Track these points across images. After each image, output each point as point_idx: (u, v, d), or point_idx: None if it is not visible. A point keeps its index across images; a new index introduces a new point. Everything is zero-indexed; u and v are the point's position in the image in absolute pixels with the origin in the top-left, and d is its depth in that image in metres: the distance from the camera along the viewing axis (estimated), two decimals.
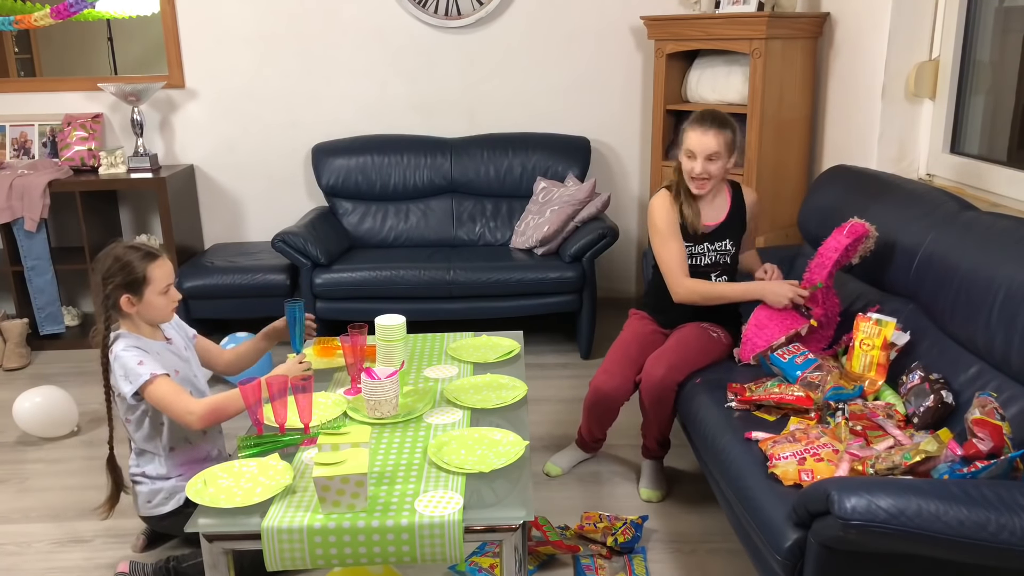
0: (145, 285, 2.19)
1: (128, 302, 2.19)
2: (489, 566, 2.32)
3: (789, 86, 3.54)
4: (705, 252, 2.73)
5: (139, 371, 2.13)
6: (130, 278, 2.18)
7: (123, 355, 2.16)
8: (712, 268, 2.74)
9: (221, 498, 1.78)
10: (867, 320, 2.35)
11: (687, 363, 2.59)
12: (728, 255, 2.75)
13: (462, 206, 4.25)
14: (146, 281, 2.19)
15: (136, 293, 2.19)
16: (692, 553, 2.43)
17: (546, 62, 4.32)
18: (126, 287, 2.18)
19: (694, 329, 2.71)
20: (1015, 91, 2.79)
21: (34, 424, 3.14)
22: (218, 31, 4.21)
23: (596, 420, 2.77)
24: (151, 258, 2.21)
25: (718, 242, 2.73)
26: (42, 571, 2.41)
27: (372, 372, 2.11)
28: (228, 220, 4.48)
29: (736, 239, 2.77)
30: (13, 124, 4.22)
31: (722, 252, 2.74)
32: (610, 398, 2.67)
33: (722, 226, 2.73)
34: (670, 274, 2.70)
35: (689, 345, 2.65)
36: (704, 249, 2.72)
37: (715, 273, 2.74)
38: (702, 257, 2.73)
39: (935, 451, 1.82)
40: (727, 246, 2.74)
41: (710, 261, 2.74)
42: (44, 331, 4.07)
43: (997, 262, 2.07)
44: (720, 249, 2.73)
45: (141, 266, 2.19)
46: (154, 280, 2.20)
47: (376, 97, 4.34)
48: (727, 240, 2.74)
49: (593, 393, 2.69)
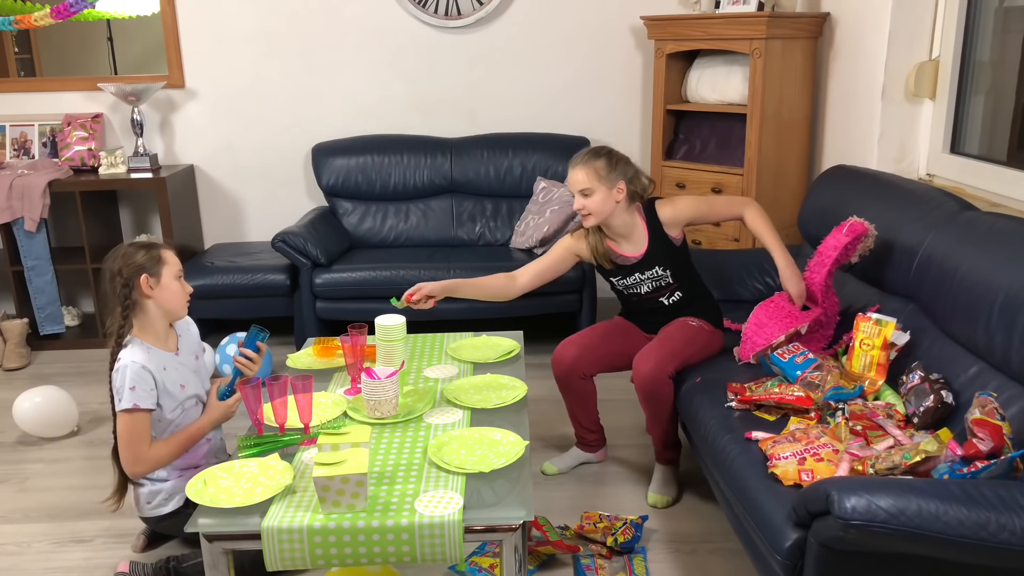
0: (162, 265, 2.23)
1: (147, 282, 2.21)
2: (489, 566, 2.32)
3: (789, 86, 3.54)
4: (640, 281, 2.73)
5: (126, 395, 2.16)
6: (147, 257, 2.22)
7: (126, 370, 2.18)
8: (657, 293, 2.74)
9: (221, 498, 1.78)
10: (867, 320, 2.35)
11: (674, 354, 2.58)
12: (667, 277, 2.72)
13: (462, 206, 4.25)
14: (163, 261, 2.24)
15: (154, 273, 2.22)
16: (692, 553, 2.43)
17: (546, 62, 4.32)
18: (145, 266, 2.21)
19: (674, 324, 2.72)
20: (1015, 91, 2.79)
21: (34, 424, 3.14)
22: (218, 31, 4.21)
23: (568, 396, 2.78)
24: (162, 245, 2.29)
25: (648, 270, 2.72)
26: (42, 571, 2.41)
27: (372, 372, 2.11)
28: (228, 220, 4.48)
29: (667, 262, 2.71)
30: (13, 124, 4.23)
31: (657, 278, 2.73)
32: (564, 366, 2.69)
33: (645, 257, 2.70)
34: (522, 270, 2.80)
35: (673, 337, 2.65)
36: (637, 279, 2.73)
37: (664, 296, 2.74)
38: (640, 286, 2.74)
39: (935, 451, 1.82)
40: (659, 272, 2.71)
41: (650, 288, 2.74)
42: (44, 331, 4.07)
43: (997, 262, 2.07)
44: (653, 276, 2.72)
45: (156, 249, 2.26)
46: (169, 262, 2.25)
47: (376, 97, 4.34)
48: (656, 267, 2.71)
49: (553, 362, 2.73)
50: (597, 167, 2.60)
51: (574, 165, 2.64)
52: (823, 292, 2.56)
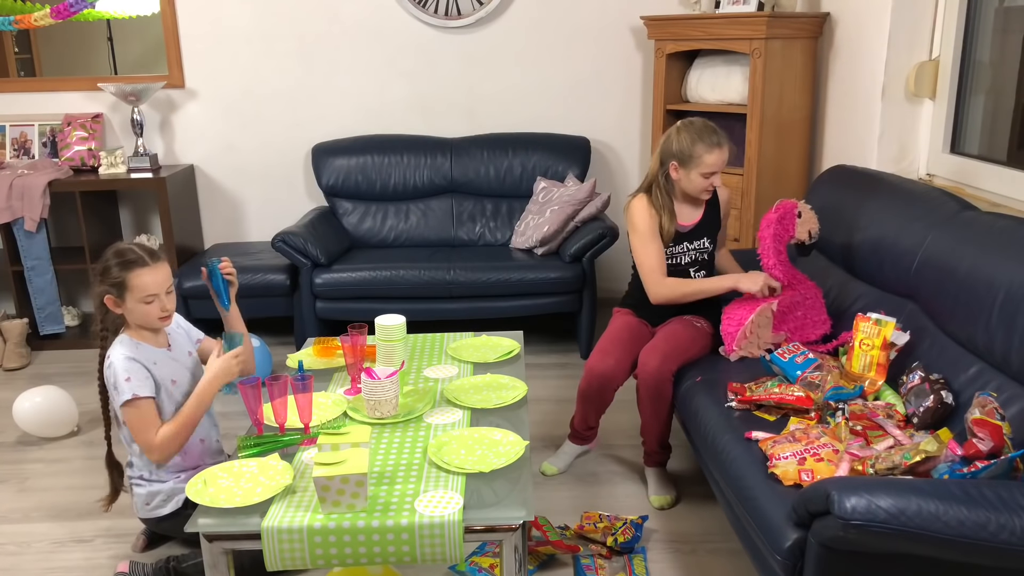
0: (125, 290, 2.16)
1: (113, 302, 2.19)
2: (489, 566, 2.32)
3: (789, 86, 3.54)
4: (684, 251, 2.79)
5: (123, 387, 2.14)
6: (112, 280, 2.16)
7: (115, 365, 2.17)
8: (692, 265, 2.81)
9: (221, 498, 1.78)
10: (867, 320, 2.35)
11: (679, 352, 2.63)
12: (707, 252, 2.83)
13: (462, 206, 4.25)
14: (126, 287, 2.15)
15: (119, 296, 2.18)
16: (692, 553, 2.43)
17: (546, 62, 4.32)
18: (111, 287, 2.17)
19: (679, 322, 2.76)
20: (1015, 91, 2.78)
21: (34, 424, 3.14)
22: (218, 31, 4.21)
23: (592, 406, 2.77)
24: (138, 264, 2.15)
25: (696, 241, 2.79)
26: (42, 571, 2.41)
27: (372, 372, 2.11)
28: (228, 220, 4.47)
29: (713, 236, 2.83)
30: (13, 124, 4.22)
31: (701, 250, 2.81)
32: (606, 378, 2.67)
33: (699, 225, 2.79)
34: (649, 275, 2.74)
35: (679, 336, 2.69)
36: (683, 248, 2.78)
37: (694, 269, 2.81)
38: (682, 256, 2.79)
39: (935, 451, 1.82)
40: (705, 244, 2.81)
41: (690, 259, 2.80)
42: (44, 331, 4.07)
43: (997, 262, 2.07)
44: (699, 247, 2.80)
45: (124, 271, 2.15)
46: (133, 288, 2.15)
47: (376, 97, 4.34)
48: (704, 238, 2.81)
49: (588, 375, 2.70)
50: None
51: (721, 147, 2.63)
52: (784, 273, 2.62)
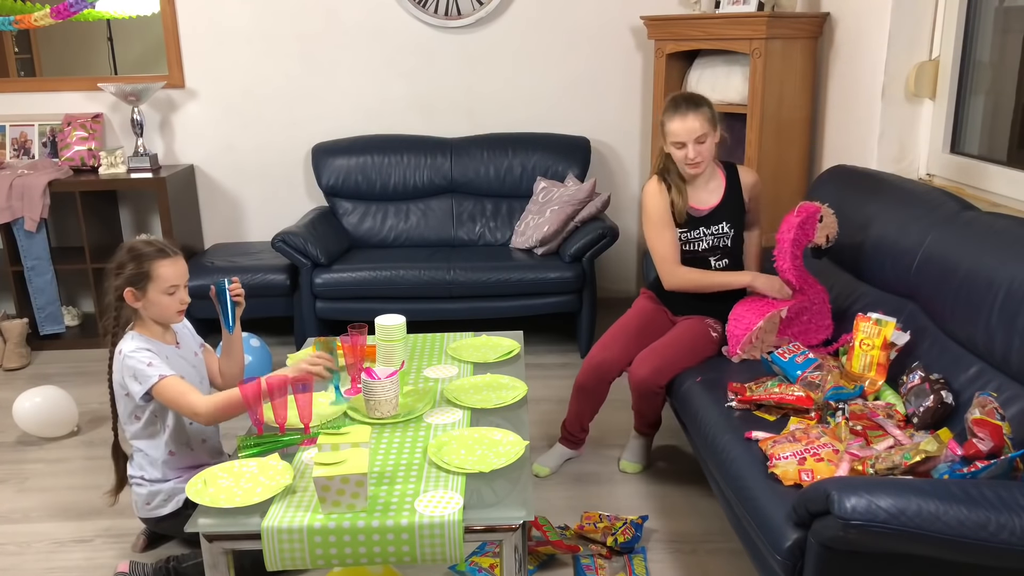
0: (149, 281, 2.20)
1: (132, 295, 2.20)
2: (489, 566, 2.32)
3: (789, 86, 3.54)
4: (702, 236, 2.71)
5: (148, 372, 2.14)
6: (135, 271, 2.19)
7: (132, 356, 2.17)
8: (711, 252, 2.73)
9: (221, 498, 1.78)
10: (867, 320, 2.35)
11: (675, 363, 2.60)
12: (727, 238, 2.73)
13: (462, 206, 4.25)
14: (149, 277, 2.20)
15: (140, 288, 2.20)
16: (692, 553, 2.43)
17: (546, 62, 4.32)
18: (131, 280, 2.19)
19: (695, 325, 2.71)
20: (1015, 91, 2.78)
21: (34, 424, 3.14)
22: (218, 31, 4.21)
23: (587, 401, 2.75)
24: (161, 255, 2.22)
25: (714, 225, 2.71)
26: (42, 571, 2.41)
27: (372, 372, 2.11)
28: (228, 220, 4.47)
29: (734, 221, 2.74)
30: (13, 124, 4.22)
31: (719, 235, 2.72)
32: (603, 369, 2.67)
33: (717, 209, 2.71)
34: (662, 263, 2.69)
35: (682, 344, 2.65)
36: (700, 234, 2.71)
37: (714, 257, 2.73)
38: (699, 242, 2.72)
39: (935, 451, 1.82)
40: (724, 229, 2.71)
41: (708, 245, 2.72)
42: (44, 331, 4.07)
43: (997, 262, 2.07)
44: (717, 232, 2.71)
45: (148, 261, 2.20)
46: (158, 278, 2.20)
47: (376, 97, 4.34)
48: (724, 223, 2.71)
49: (585, 366, 2.69)
50: (706, 114, 2.56)
51: (683, 114, 2.56)
52: (797, 277, 2.58)
